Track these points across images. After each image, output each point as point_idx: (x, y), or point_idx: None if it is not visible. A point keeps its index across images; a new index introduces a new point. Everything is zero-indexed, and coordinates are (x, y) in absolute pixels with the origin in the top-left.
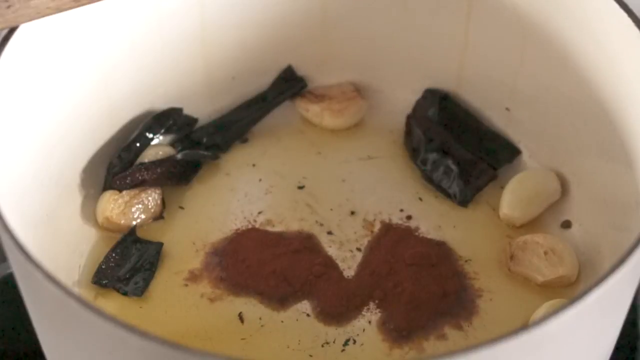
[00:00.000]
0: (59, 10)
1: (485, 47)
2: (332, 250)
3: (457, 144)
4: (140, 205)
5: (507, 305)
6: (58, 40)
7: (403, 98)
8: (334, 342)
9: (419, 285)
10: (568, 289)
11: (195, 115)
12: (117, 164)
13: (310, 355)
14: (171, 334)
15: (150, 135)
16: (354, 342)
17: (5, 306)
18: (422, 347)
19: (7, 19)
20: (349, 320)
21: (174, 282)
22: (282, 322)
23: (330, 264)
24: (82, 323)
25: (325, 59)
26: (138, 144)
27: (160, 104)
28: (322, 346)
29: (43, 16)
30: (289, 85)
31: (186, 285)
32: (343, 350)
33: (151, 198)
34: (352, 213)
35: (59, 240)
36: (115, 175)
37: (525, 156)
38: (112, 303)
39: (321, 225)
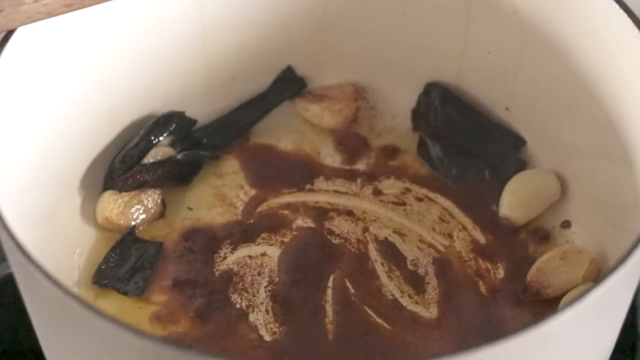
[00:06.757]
0: (50, 15)
1: (484, 48)
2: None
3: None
4: (139, 206)
5: (507, 306)
6: (58, 40)
7: (403, 98)
8: None
9: None
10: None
11: (195, 116)
12: (120, 167)
13: None
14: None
15: (153, 139)
16: None
17: (5, 306)
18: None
19: None
20: None
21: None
22: (284, 318)
23: (335, 254)
24: (82, 323)
25: (325, 59)
26: (140, 148)
27: (160, 105)
28: None
29: (34, 21)
30: (288, 85)
31: None
32: None
33: (151, 198)
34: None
35: (59, 240)
36: (118, 178)
37: (525, 156)
38: (112, 303)
39: (322, 225)
